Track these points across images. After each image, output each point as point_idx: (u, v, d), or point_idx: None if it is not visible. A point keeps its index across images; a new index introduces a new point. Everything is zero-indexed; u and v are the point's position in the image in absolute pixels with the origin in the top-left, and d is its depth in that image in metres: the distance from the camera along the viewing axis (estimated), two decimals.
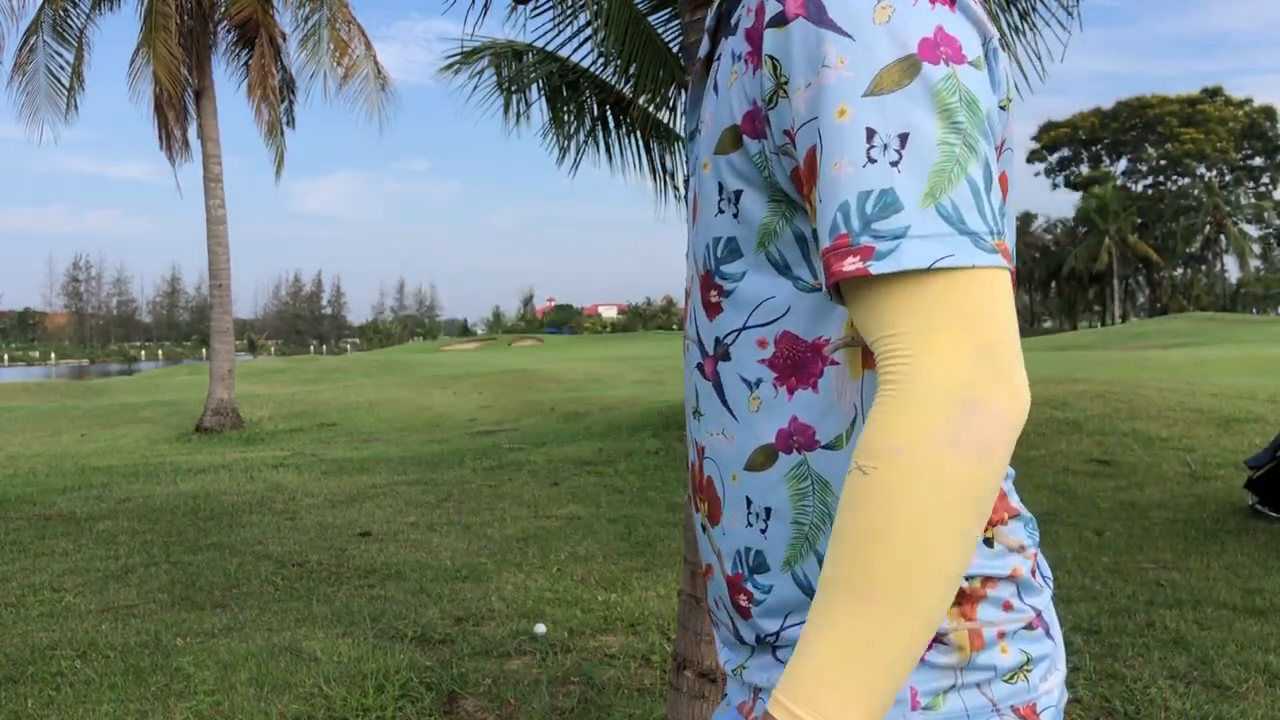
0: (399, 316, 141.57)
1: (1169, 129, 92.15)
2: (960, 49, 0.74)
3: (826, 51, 0.74)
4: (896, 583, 0.67)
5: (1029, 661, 0.84)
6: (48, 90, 14.92)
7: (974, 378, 0.68)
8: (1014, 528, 0.88)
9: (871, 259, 0.70)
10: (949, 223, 0.70)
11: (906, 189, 0.70)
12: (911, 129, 0.71)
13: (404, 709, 3.43)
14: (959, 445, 0.67)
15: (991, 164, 0.73)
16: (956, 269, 0.70)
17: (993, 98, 0.77)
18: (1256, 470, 6.43)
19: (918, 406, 0.68)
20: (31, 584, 5.28)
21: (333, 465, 10.22)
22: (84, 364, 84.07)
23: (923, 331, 0.70)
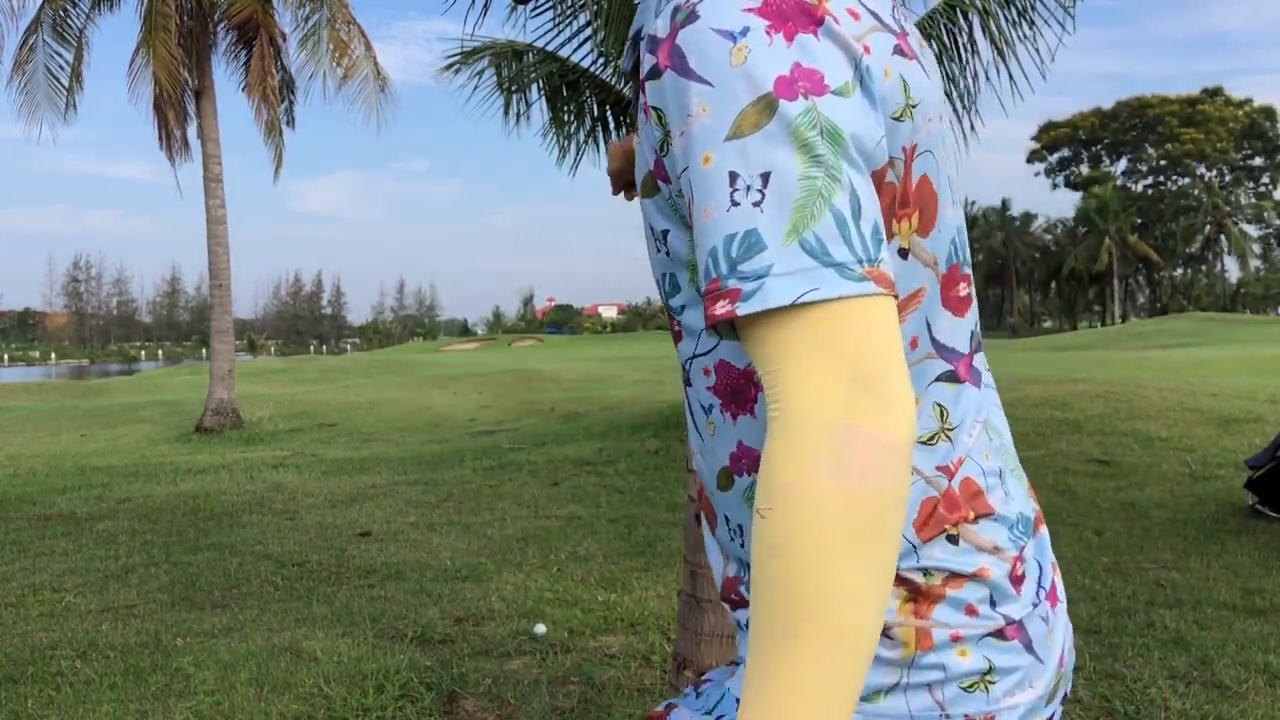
0: (399, 316, 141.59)
1: (1169, 129, 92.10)
2: (821, 79, 0.74)
3: (690, 101, 0.75)
4: (817, 619, 0.67)
5: (991, 671, 0.83)
6: (47, 90, 14.93)
7: (851, 407, 0.68)
8: (986, 527, 0.86)
9: (738, 301, 0.71)
10: (813, 256, 0.70)
11: (769, 228, 0.71)
12: (772, 168, 0.71)
13: (404, 709, 3.43)
14: (843, 476, 0.67)
15: (861, 191, 0.73)
16: (823, 302, 0.70)
17: (868, 120, 0.76)
18: (1256, 470, 6.43)
19: (798, 442, 0.69)
20: (31, 584, 5.28)
21: (333, 465, 10.22)
22: (84, 364, 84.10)
23: (797, 366, 0.70)
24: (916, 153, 0.83)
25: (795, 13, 0.75)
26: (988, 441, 0.90)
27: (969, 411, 0.88)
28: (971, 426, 0.88)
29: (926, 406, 0.86)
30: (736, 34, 0.74)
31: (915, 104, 0.82)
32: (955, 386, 0.87)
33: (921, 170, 0.84)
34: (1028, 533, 0.90)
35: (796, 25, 0.75)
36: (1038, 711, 0.87)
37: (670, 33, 0.77)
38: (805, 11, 0.75)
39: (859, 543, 0.68)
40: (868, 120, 0.76)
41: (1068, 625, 0.97)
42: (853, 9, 0.79)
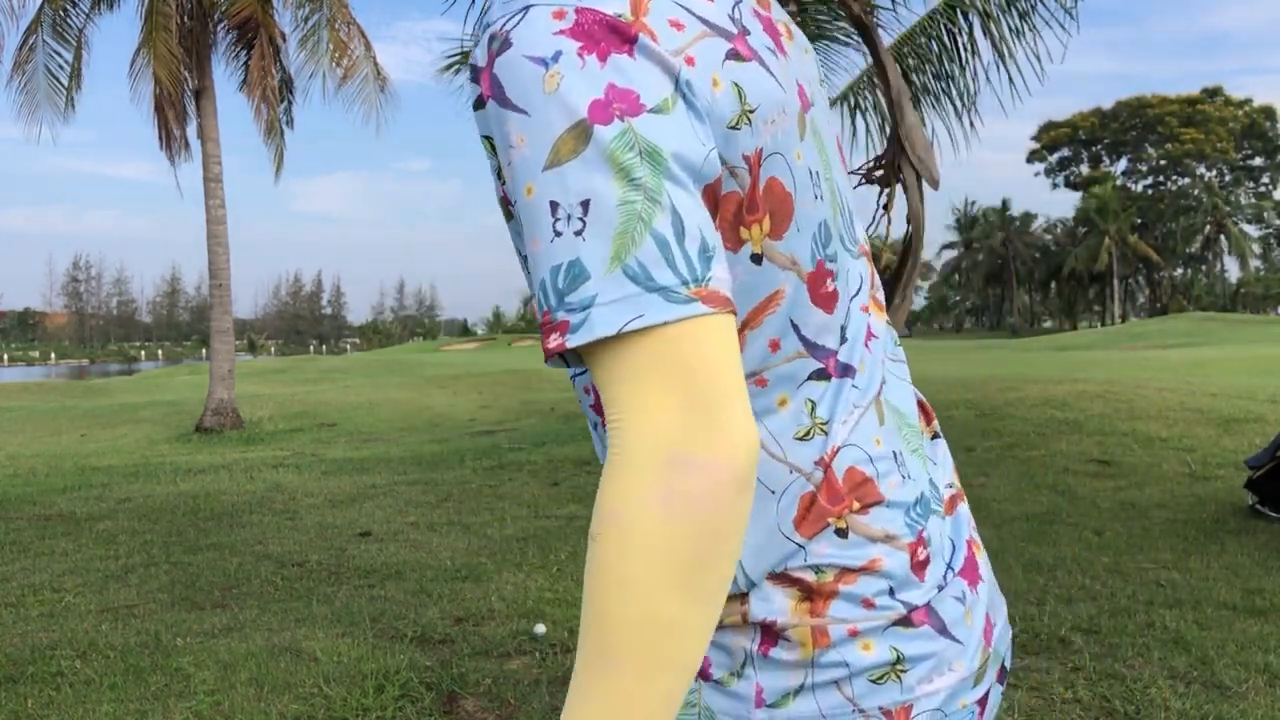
0: (399, 316, 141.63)
1: (1169, 129, 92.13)
2: (637, 99, 0.72)
3: (509, 132, 0.74)
4: (636, 647, 0.67)
5: (901, 660, 0.82)
6: (47, 90, 14.94)
7: (681, 434, 0.67)
8: (878, 515, 0.85)
9: (567, 333, 0.70)
10: (636, 282, 0.69)
11: (592, 257, 0.70)
12: (592, 195, 0.70)
13: (404, 709, 3.43)
14: (669, 503, 0.66)
15: (684, 210, 0.71)
16: (649, 327, 0.69)
17: (692, 135, 0.74)
18: (1256, 470, 6.43)
19: (628, 470, 0.68)
20: (31, 584, 5.28)
21: (333, 465, 10.22)
22: (84, 364, 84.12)
23: (630, 394, 0.69)
24: (763, 157, 0.81)
25: (608, 33, 0.73)
26: (877, 427, 0.89)
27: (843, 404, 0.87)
28: (847, 416, 0.87)
29: (798, 404, 0.85)
30: (549, 60, 0.72)
31: (753, 109, 0.80)
32: (825, 383, 0.86)
33: (770, 173, 0.81)
34: (927, 514, 0.89)
35: (610, 45, 0.73)
36: (962, 694, 0.86)
37: (488, 62, 0.75)
38: (618, 31, 0.73)
39: (684, 573, 0.67)
40: (692, 135, 0.74)
41: (997, 603, 0.96)
42: (676, 19, 0.76)
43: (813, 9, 6.16)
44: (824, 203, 0.87)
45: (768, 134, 0.81)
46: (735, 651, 0.84)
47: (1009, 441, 9.11)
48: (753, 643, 0.84)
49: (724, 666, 0.85)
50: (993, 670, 0.91)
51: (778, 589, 0.83)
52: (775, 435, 0.84)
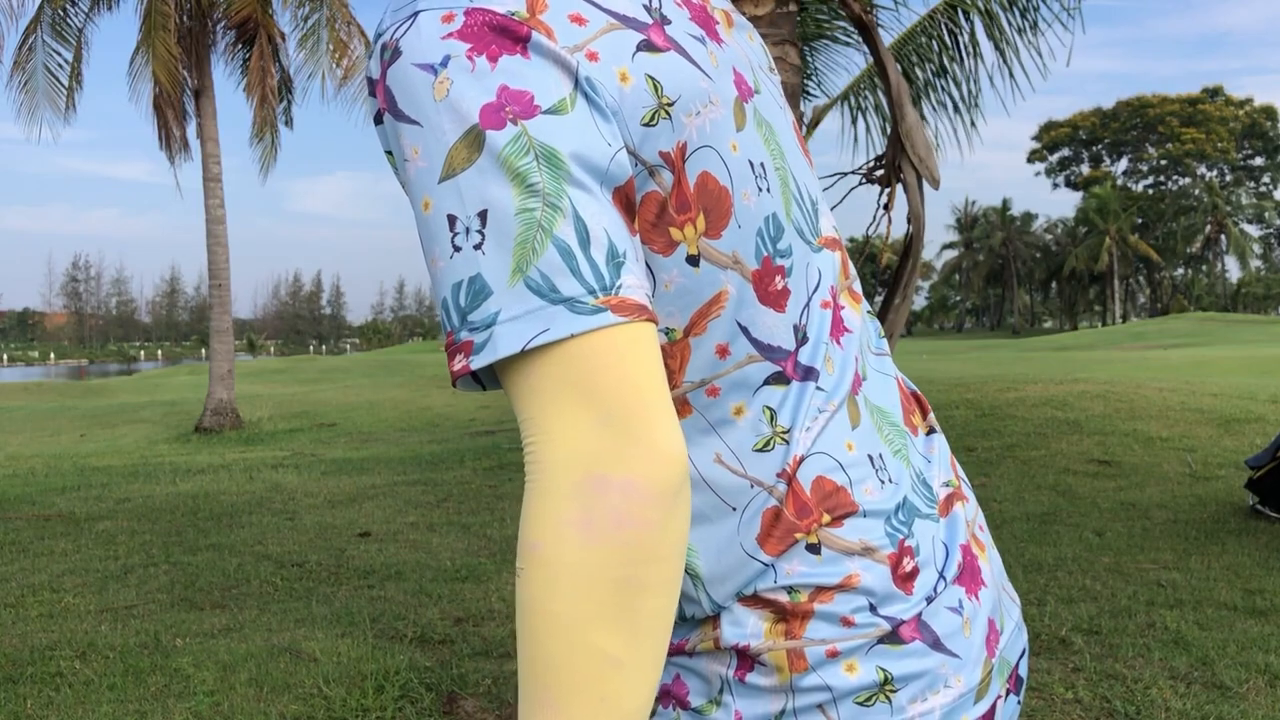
0: (398, 316, 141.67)
1: (1169, 129, 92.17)
2: (532, 100, 0.68)
3: (404, 145, 0.70)
4: (568, 684, 0.63)
5: (889, 681, 0.78)
6: (47, 89, 14.94)
7: (598, 451, 0.63)
8: (855, 526, 0.80)
9: (472, 354, 0.66)
10: (540, 295, 0.65)
11: (493, 270, 0.66)
12: (489, 205, 0.66)
13: (404, 709, 3.42)
14: (591, 527, 0.63)
15: (588, 214, 0.67)
16: (555, 342, 0.65)
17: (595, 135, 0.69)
18: (1257, 470, 6.42)
19: (544, 495, 0.64)
20: (31, 584, 5.28)
21: (332, 465, 10.22)
22: (83, 364, 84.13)
23: (542, 414, 0.65)
24: (688, 152, 0.75)
25: (498, 34, 0.69)
26: (849, 430, 0.83)
27: (805, 409, 0.81)
28: (811, 423, 0.81)
29: (755, 412, 0.79)
30: (437, 66, 0.68)
31: (671, 101, 0.74)
32: (784, 387, 0.80)
33: (700, 168, 0.76)
34: (912, 519, 0.83)
35: (500, 47, 0.69)
36: (961, 710, 0.81)
37: (380, 73, 0.71)
38: (509, 30, 0.69)
39: (617, 602, 0.63)
40: (595, 135, 0.69)
41: (1005, 609, 0.91)
42: (577, 14, 0.72)
43: (813, 8, 6.17)
44: (772, 195, 0.82)
45: (692, 126, 0.76)
46: (712, 678, 0.81)
47: (1009, 441, 9.11)
48: (729, 669, 0.80)
49: (702, 694, 0.81)
50: (999, 681, 0.86)
51: (750, 611, 0.79)
52: (733, 448, 0.79)
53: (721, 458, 0.80)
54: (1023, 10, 6.32)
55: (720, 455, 0.80)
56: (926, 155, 6.53)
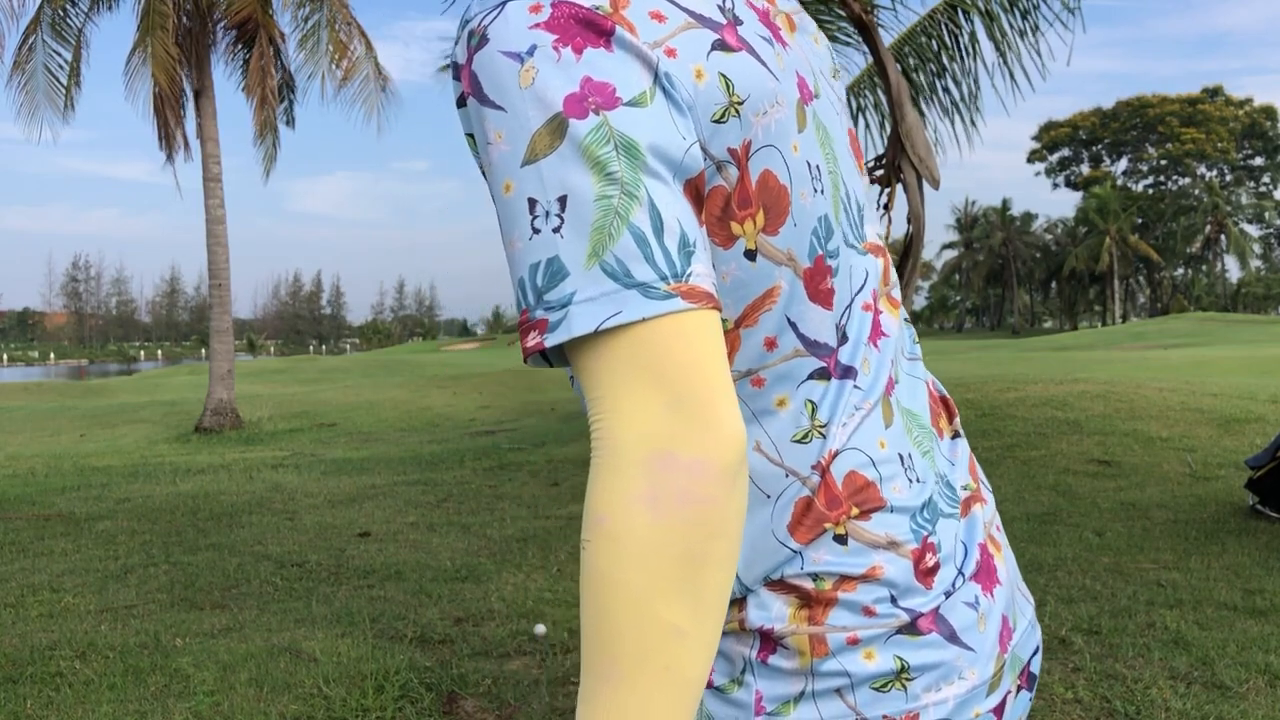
0: (398, 316, 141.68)
1: (1169, 129, 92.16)
2: (614, 92, 0.71)
3: (488, 129, 0.73)
4: (633, 654, 0.66)
5: (906, 670, 0.81)
6: (47, 89, 14.93)
7: (664, 431, 0.66)
8: (881, 521, 0.83)
9: (546, 332, 0.70)
10: (614, 279, 0.68)
11: (570, 253, 0.69)
12: (568, 190, 0.69)
13: (404, 709, 3.42)
14: (658, 503, 0.65)
15: (663, 204, 0.70)
16: (628, 325, 0.68)
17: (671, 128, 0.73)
18: (1257, 470, 6.42)
19: (613, 471, 0.67)
20: (31, 584, 5.28)
21: (332, 465, 10.22)
22: (83, 364, 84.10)
23: (611, 393, 0.68)
24: (753, 150, 0.79)
25: (583, 26, 0.72)
26: (882, 429, 0.86)
27: (843, 406, 0.84)
28: (847, 419, 0.84)
29: (798, 405, 0.83)
30: (524, 54, 0.72)
31: (742, 100, 0.78)
32: (825, 383, 0.84)
33: (763, 166, 0.80)
34: (936, 518, 0.86)
35: (585, 39, 0.72)
36: (975, 703, 0.84)
37: (466, 59, 0.75)
38: (594, 24, 0.72)
39: (680, 575, 0.66)
40: (671, 128, 0.73)
41: (1019, 607, 0.94)
42: (657, 11, 0.75)
43: (813, 8, 6.17)
44: (825, 197, 0.85)
45: (759, 125, 0.79)
46: (735, 658, 0.84)
47: (1009, 441, 9.11)
48: (751, 650, 0.83)
49: (724, 674, 0.84)
50: (1011, 676, 0.89)
51: (775, 596, 0.82)
52: (773, 438, 0.82)
53: (761, 446, 0.83)
54: (1023, 10, 6.32)
55: (760, 444, 0.83)
56: (926, 155, 6.54)
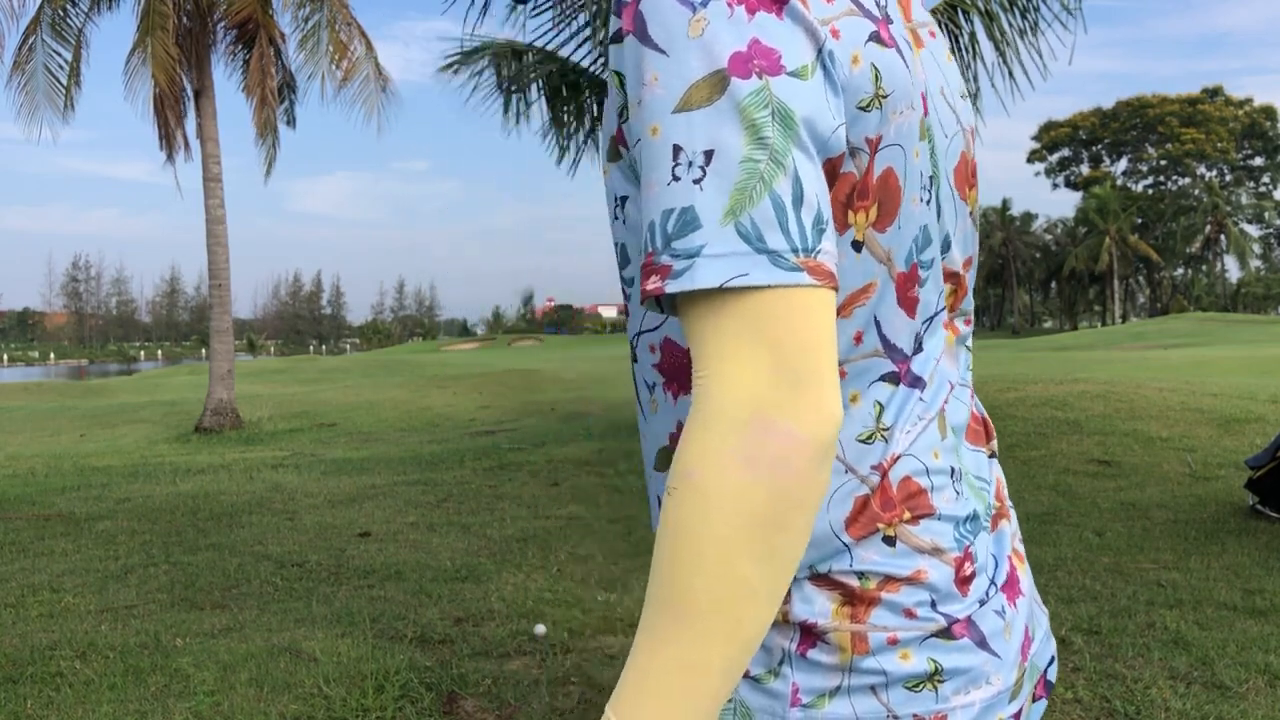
0: (398, 317, 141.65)
1: (1169, 129, 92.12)
2: (779, 59, 0.72)
3: (645, 69, 0.73)
4: (708, 604, 0.67)
5: (939, 673, 0.82)
6: (47, 89, 14.92)
7: (769, 397, 0.67)
8: (929, 527, 0.84)
9: (667, 278, 0.70)
10: (747, 241, 0.68)
11: (707, 207, 0.69)
12: (716, 146, 0.70)
13: (404, 709, 3.42)
14: (753, 465, 0.66)
15: (806, 178, 0.71)
16: (751, 288, 0.68)
17: (825, 106, 0.74)
18: (1257, 470, 6.42)
19: (710, 426, 0.67)
20: (31, 584, 5.28)
21: (332, 465, 10.22)
22: (83, 364, 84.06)
23: (720, 351, 0.69)
24: (882, 145, 0.80)
25: None
26: (939, 440, 0.88)
27: (908, 413, 0.86)
28: (910, 426, 0.86)
29: (867, 404, 0.84)
30: (697, 4, 0.72)
31: (886, 94, 0.80)
32: (894, 388, 0.85)
33: (886, 163, 0.81)
34: (977, 531, 0.88)
35: (759, 2, 0.73)
36: (998, 708, 0.86)
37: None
38: None
39: (761, 535, 0.67)
40: (825, 106, 0.74)
41: (1036, 618, 0.96)
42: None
43: None
44: (930, 209, 0.87)
45: (894, 123, 0.81)
46: (773, 649, 0.84)
47: (1009, 442, 9.11)
48: (791, 642, 0.83)
49: (761, 664, 0.85)
50: (1029, 685, 0.91)
51: (820, 591, 0.83)
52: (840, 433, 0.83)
53: None
54: (1023, 10, 6.32)
55: None
56: None
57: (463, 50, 7.29)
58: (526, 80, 7.29)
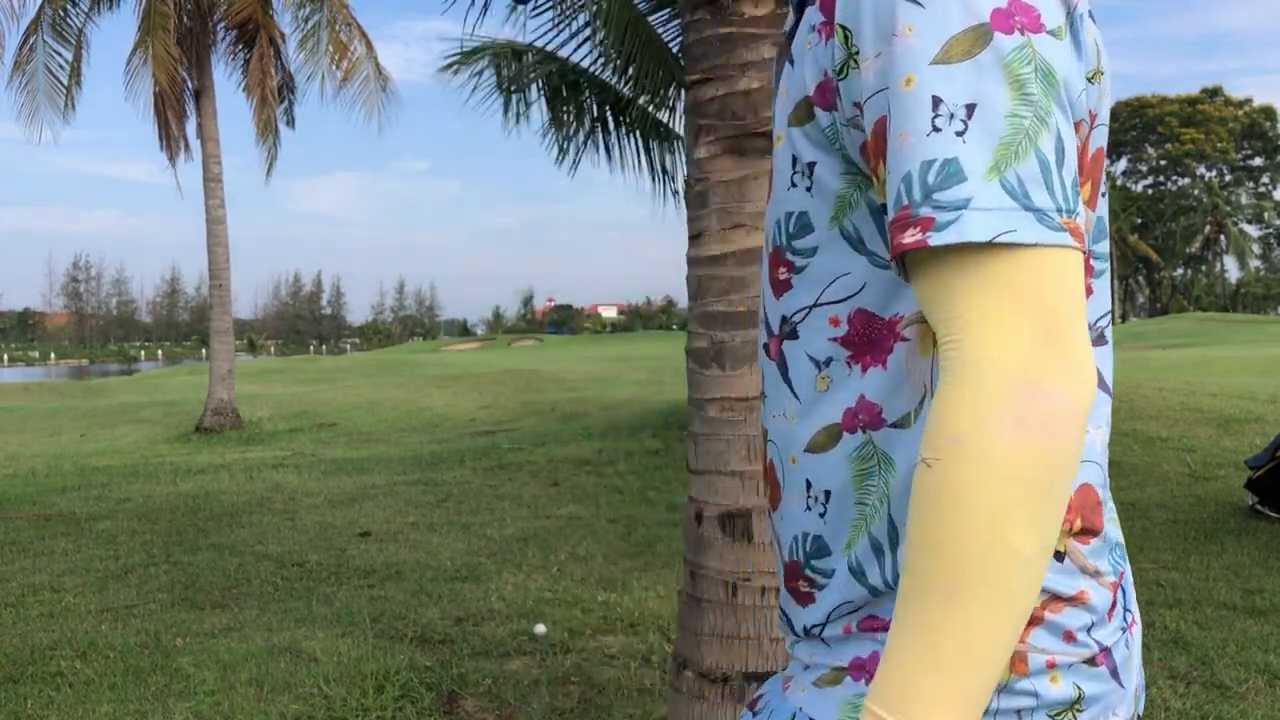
0: (399, 317, 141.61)
1: (1169, 129, 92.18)
2: (1038, 17, 0.71)
3: (897, 20, 0.72)
4: (977, 576, 0.65)
5: (1080, 700, 0.79)
6: (47, 89, 14.91)
7: (1034, 359, 0.66)
8: (1095, 548, 0.81)
9: (931, 230, 0.68)
10: (1013, 197, 0.67)
11: (971, 160, 0.68)
12: (979, 99, 0.68)
13: (404, 709, 3.43)
14: (1022, 427, 0.64)
15: (1066, 138, 0.70)
16: (1017, 246, 0.67)
17: (1075, 68, 0.74)
18: (1256, 470, 6.43)
19: (975, 390, 0.66)
20: (31, 584, 5.28)
21: (333, 465, 10.22)
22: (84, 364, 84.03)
23: (980, 311, 0.67)
24: (1096, 122, 0.80)
25: None
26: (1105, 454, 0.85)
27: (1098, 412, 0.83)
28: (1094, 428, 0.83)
29: None
30: None
31: (1101, 72, 0.80)
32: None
33: (1098, 143, 0.81)
34: (1124, 559, 0.86)
35: None
36: None
37: None
38: None
39: (1031, 503, 0.65)
40: (1075, 68, 0.74)
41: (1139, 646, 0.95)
42: None
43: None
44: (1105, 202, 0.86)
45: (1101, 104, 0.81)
46: None
47: None
48: None
49: None
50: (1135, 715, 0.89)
51: None
52: None
53: None
54: None
55: None
56: None
57: (463, 50, 7.29)
58: (526, 80, 7.29)
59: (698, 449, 2.59)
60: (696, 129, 2.59)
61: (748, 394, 2.50)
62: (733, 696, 2.47)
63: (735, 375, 2.51)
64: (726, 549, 2.51)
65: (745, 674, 2.46)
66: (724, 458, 2.52)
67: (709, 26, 2.55)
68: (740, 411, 2.51)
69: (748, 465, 2.50)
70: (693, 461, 2.62)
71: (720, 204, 2.54)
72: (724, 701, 2.47)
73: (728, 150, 2.53)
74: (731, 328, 2.52)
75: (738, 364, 2.51)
